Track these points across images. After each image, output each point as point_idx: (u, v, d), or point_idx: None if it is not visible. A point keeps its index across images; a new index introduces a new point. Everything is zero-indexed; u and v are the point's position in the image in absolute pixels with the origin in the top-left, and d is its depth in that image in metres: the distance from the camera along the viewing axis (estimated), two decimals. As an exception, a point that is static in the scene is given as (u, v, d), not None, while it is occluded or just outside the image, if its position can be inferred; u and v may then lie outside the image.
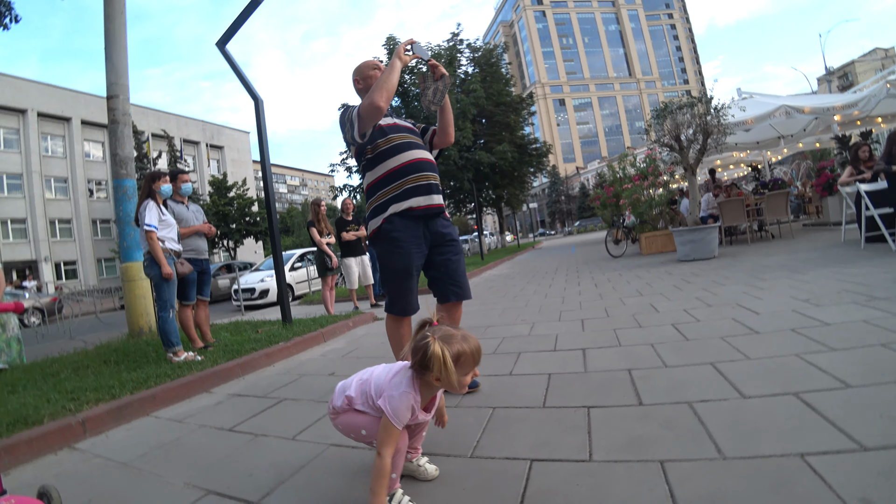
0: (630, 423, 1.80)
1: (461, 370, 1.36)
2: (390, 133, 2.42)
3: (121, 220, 5.32)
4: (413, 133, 2.52)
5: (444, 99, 2.49)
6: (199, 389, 3.24)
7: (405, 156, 2.37)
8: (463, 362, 1.36)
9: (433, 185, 2.41)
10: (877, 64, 45.78)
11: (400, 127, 2.49)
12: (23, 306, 1.78)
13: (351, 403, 1.48)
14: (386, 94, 2.24)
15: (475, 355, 1.38)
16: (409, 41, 2.42)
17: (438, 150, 2.67)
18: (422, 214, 2.38)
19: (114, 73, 5.43)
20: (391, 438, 1.35)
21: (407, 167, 2.36)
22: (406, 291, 2.41)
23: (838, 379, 1.94)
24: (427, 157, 2.46)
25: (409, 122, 2.63)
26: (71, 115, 31.98)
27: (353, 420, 1.48)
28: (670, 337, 3.01)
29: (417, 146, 2.46)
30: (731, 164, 16.61)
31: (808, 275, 4.56)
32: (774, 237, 9.53)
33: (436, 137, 2.61)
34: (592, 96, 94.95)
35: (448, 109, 2.56)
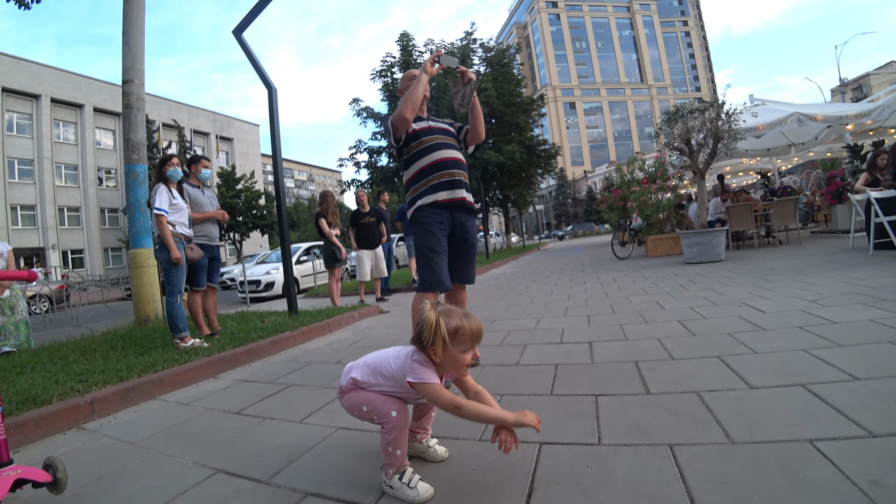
0: (637, 410, 1.81)
1: (458, 345, 1.37)
2: (422, 136, 2.73)
3: (131, 206, 5.35)
4: (446, 134, 2.80)
5: (473, 101, 2.73)
6: (206, 374, 3.26)
7: (433, 156, 2.68)
8: (461, 337, 1.37)
9: (457, 180, 2.67)
10: (892, 77, 45.36)
11: (433, 129, 2.78)
12: (36, 275, 1.79)
13: (356, 384, 1.49)
14: (412, 106, 2.58)
15: (474, 333, 1.39)
16: (437, 53, 2.72)
17: (474, 146, 2.95)
18: (447, 206, 2.66)
19: (130, 57, 5.47)
20: (442, 393, 1.37)
21: (434, 165, 2.67)
22: (434, 268, 2.62)
23: (845, 372, 1.95)
24: (453, 156, 2.72)
25: (446, 123, 2.91)
26: (84, 102, 32.16)
27: (356, 397, 1.49)
28: (677, 332, 3.01)
29: (447, 146, 2.73)
30: (741, 170, 16.53)
31: (815, 277, 4.55)
32: (782, 243, 9.47)
33: (468, 136, 2.89)
34: (603, 101, 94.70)
35: (477, 110, 2.80)
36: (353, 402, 1.50)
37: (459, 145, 2.89)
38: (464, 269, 2.78)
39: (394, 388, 1.44)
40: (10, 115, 28.99)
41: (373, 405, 1.44)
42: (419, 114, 2.91)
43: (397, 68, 17.60)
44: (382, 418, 1.42)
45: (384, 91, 17.72)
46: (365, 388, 1.47)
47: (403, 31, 17.78)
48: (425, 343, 1.37)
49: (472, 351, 1.41)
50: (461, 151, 2.88)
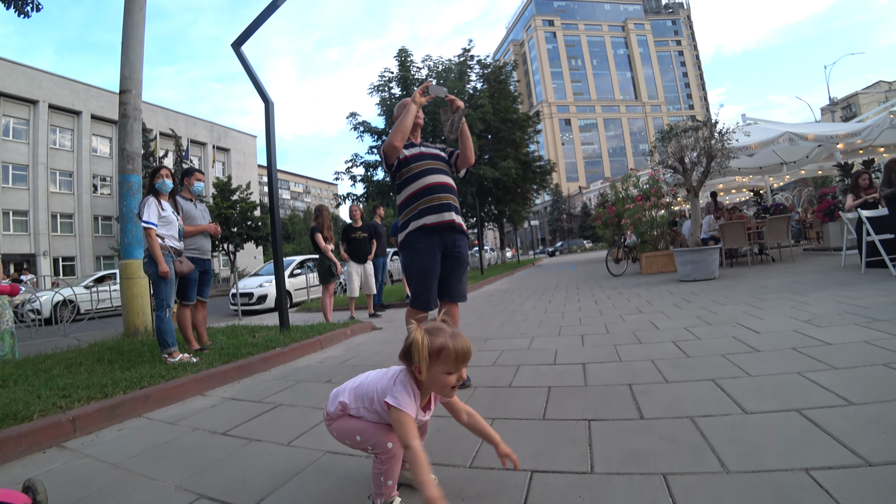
0: (631, 436, 1.78)
1: (442, 366, 1.32)
2: (412, 162, 2.88)
3: (124, 216, 5.31)
4: (437, 159, 2.95)
5: (462, 127, 2.88)
6: (193, 392, 3.20)
7: (422, 181, 2.82)
8: (444, 358, 1.31)
9: (445, 204, 2.79)
10: (880, 96, 46.16)
11: (424, 155, 2.93)
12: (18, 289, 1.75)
13: (345, 409, 1.45)
14: (401, 135, 2.76)
15: (459, 354, 1.33)
16: (427, 84, 2.89)
17: (465, 169, 3.08)
18: (436, 228, 2.77)
19: (128, 67, 5.47)
20: (408, 426, 1.30)
21: (423, 191, 2.81)
22: (425, 289, 2.78)
23: (841, 396, 1.93)
24: (442, 181, 2.85)
25: (437, 148, 3.05)
26: (81, 109, 32.02)
27: (347, 425, 1.44)
28: (671, 353, 2.99)
29: (436, 171, 2.87)
30: (734, 188, 16.69)
31: (808, 296, 4.56)
32: (775, 260, 9.52)
33: (458, 160, 3.02)
34: (598, 117, 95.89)
35: (465, 135, 2.94)
36: (344, 431, 1.45)
37: (450, 169, 3.02)
38: (455, 286, 2.88)
39: (382, 418, 1.41)
40: (7, 119, 28.84)
41: (367, 435, 1.40)
42: (412, 140, 3.04)
43: (395, 83, 17.73)
44: (378, 448, 1.38)
45: (381, 106, 17.81)
46: (354, 415, 1.44)
47: (402, 47, 17.94)
48: (412, 360, 1.35)
49: (458, 373, 1.35)
50: (451, 175, 3.01)
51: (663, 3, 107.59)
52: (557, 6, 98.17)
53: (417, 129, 3.08)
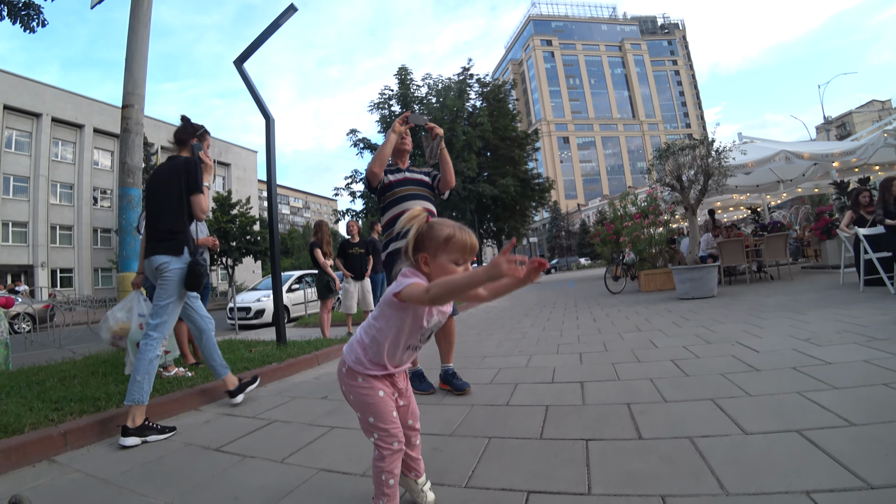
0: (629, 456, 1.75)
1: (449, 255, 1.31)
2: (396, 187, 3.10)
3: (122, 229, 5.30)
4: (419, 184, 3.16)
5: (441, 153, 3.06)
6: (187, 406, 3.16)
7: (401, 207, 3.06)
8: (452, 245, 1.31)
9: None
10: (874, 115, 46.84)
11: (408, 180, 3.14)
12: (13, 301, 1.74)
13: (364, 352, 1.40)
14: (379, 162, 2.97)
15: (466, 245, 1.32)
16: (406, 114, 3.08)
17: (447, 191, 3.23)
18: None
19: (132, 83, 5.53)
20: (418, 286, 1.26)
21: (400, 215, 2.90)
22: None
23: (841, 417, 1.91)
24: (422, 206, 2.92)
25: (423, 173, 3.24)
26: (84, 123, 32.38)
27: (367, 395, 1.39)
28: (670, 372, 2.96)
29: (416, 196, 3.10)
30: (731, 206, 16.78)
31: (807, 315, 4.55)
32: (773, 278, 9.52)
33: (440, 184, 3.19)
34: (596, 136, 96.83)
35: (445, 160, 3.11)
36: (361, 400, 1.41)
37: (434, 193, 3.22)
38: None
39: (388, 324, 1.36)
40: (10, 132, 29.09)
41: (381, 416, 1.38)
42: (399, 165, 3.25)
43: (395, 101, 17.93)
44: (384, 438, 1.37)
45: (381, 123, 17.99)
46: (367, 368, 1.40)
47: (402, 66, 18.21)
48: (417, 248, 1.34)
49: (465, 264, 1.34)
50: (433, 199, 3.21)
51: (659, 24, 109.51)
52: (555, 26, 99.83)
53: (405, 155, 3.28)
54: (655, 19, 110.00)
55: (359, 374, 1.41)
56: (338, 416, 2.72)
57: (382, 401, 1.40)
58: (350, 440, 2.27)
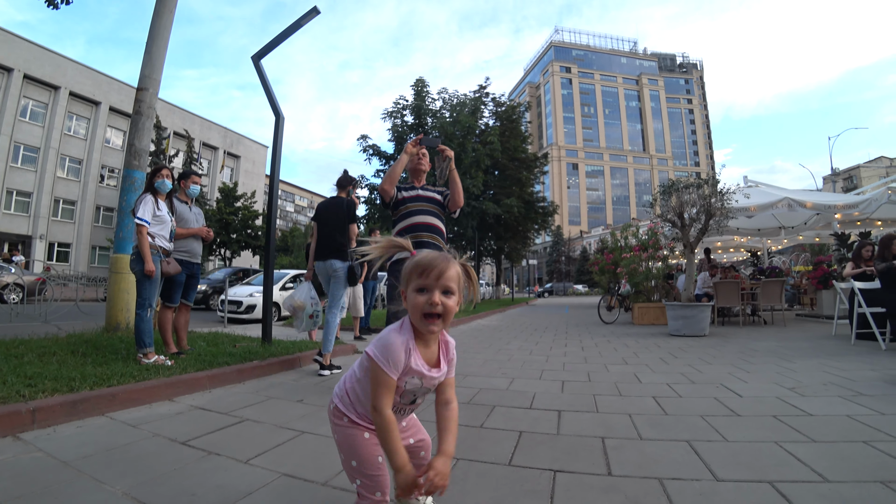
0: (595, 493, 1.72)
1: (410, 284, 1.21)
2: (408, 203, 3.34)
3: (122, 210, 5.32)
4: (430, 202, 3.37)
5: (451, 174, 3.28)
6: (161, 396, 3.13)
7: (409, 220, 3.30)
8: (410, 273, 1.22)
9: (423, 241, 3.21)
10: (881, 171, 47.08)
11: (420, 197, 3.37)
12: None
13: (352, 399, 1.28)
14: (389, 180, 3.26)
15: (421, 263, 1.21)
16: (419, 137, 3.36)
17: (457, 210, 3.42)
18: None
19: (149, 66, 5.58)
20: (384, 387, 1.15)
21: (408, 228, 3.28)
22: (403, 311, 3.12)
23: (816, 472, 1.88)
24: (426, 221, 3.30)
25: (437, 192, 3.45)
26: (101, 100, 32.52)
27: (351, 437, 1.26)
28: (650, 409, 2.93)
29: (424, 212, 3.32)
30: (732, 247, 16.80)
31: (795, 363, 4.53)
32: (767, 323, 9.49)
33: (449, 202, 3.39)
34: (605, 165, 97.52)
35: (454, 181, 3.30)
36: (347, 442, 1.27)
37: (444, 211, 3.43)
38: None
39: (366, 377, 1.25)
40: (27, 101, 29.22)
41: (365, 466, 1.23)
42: (414, 183, 3.48)
43: (409, 112, 18.05)
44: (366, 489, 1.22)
45: (392, 132, 18.09)
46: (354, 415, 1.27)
47: (419, 77, 18.37)
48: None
49: (430, 294, 1.18)
50: (442, 217, 3.42)
51: (678, 63, 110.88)
52: (576, 55, 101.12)
53: (422, 175, 3.52)
54: (675, 57, 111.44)
55: (344, 415, 1.28)
56: (310, 420, 2.68)
57: (367, 444, 1.25)
58: (318, 447, 2.24)
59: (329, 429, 2.45)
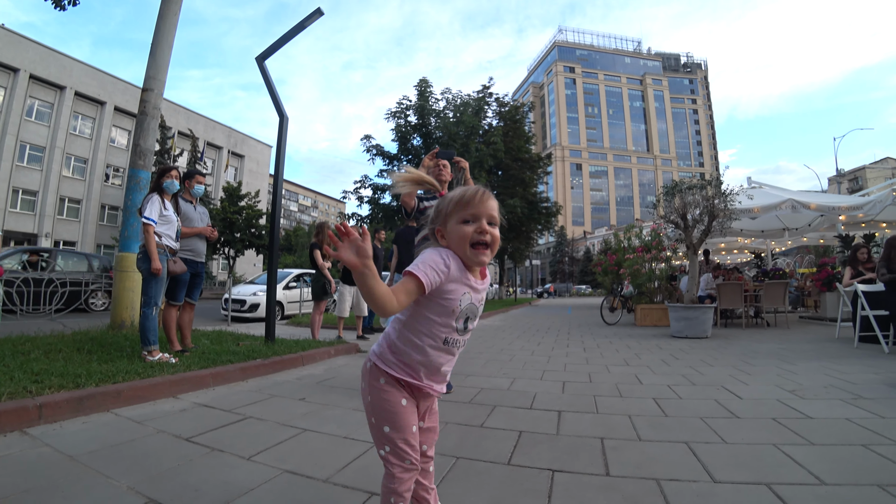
0: (593, 492, 1.74)
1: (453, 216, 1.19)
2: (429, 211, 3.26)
3: (127, 210, 5.37)
4: None
5: (465, 182, 3.53)
6: (166, 393, 3.16)
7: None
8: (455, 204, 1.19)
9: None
10: (887, 172, 46.82)
11: None
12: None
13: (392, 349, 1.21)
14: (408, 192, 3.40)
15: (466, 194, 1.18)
16: (435, 151, 3.66)
17: None
18: None
19: (154, 67, 5.63)
20: (402, 286, 1.09)
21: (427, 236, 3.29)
22: None
23: (813, 474, 1.89)
24: None
25: None
26: (106, 100, 32.70)
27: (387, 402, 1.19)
28: (650, 410, 2.95)
29: None
30: (736, 248, 16.74)
31: (797, 366, 4.53)
32: (770, 325, 9.46)
33: None
34: (609, 165, 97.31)
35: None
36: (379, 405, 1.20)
37: None
38: None
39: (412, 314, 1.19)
40: (33, 101, 29.41)
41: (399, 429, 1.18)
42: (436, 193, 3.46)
43: (412, 112, 18.06)
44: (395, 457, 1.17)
45: (396, 132, 18.10)
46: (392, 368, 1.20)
47: (423, 78, 18.36)
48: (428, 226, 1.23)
49: (477, 224, 1.16)
50: None
51: (682, 63, 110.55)
52: (580, 55, 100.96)
53: (444, 185, 3.69)
54: (679, 57, 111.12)
55: (382, 374, 1.21)
56: (313, 419, 2.71)
57: (405, 410, 1.19)
58: (320, 445, 2.27)
59: (332, 427, 2.50)
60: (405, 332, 1.19)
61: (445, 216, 1.19)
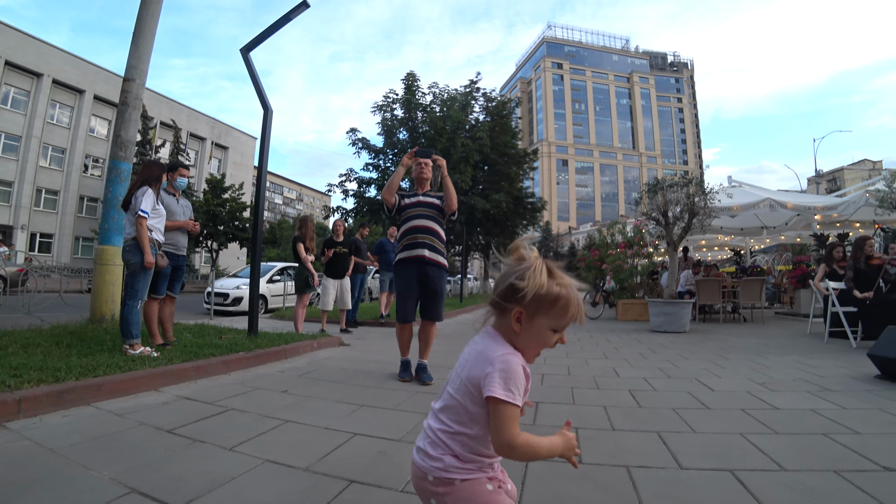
0: (566, 480, 1.81)
1: (551, 318, 0.98)
2: (408, 209, 3.75)
3: (108, 202, 5.29)
4: (430, 207, 3.75)
5: (443, 180, 3.70)
6: (147, 386, 3.16)
7: (408, 224, 3.73)
8: (560, 308, 0.97)
9: (419, 242, 3.65)
10: (864, 174, 47.97)
11: (421, 203, 3.75)
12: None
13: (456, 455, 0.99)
14: (389, 190, 3.72)
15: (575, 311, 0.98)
16: (413, 150, 3.82)
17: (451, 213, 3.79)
18: (411, 262, 3.67)
19: (136, 56, 5.53)
20: (513, 417, 0.93)
21: (406, 231, 3.73)
22: (402, 305, 3.72)
23: (775, 461, 2.00)
24: (422, 224, 3.69)
25: (436, 197, 3.80)
26: (86, 89, 31.87)
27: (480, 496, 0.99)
28: (625, 402, 3.04)
29: (423, 216, 3.71)
30: (716, 245, 17.08)
31: (769, 360, 4.70)
32: (746, 320, 9.71)
33: (445, 206, 3.75)
34: (595, 162, 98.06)
35: (447, 187, 3.70)
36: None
37: (442, 215, 3.77)
38: (429, 307, 3.76)
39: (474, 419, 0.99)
40: (8, 88, 28.58)
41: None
42: (417, 191, 3.86)
43: (399, 105, 18.01)
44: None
45: (382, 126, 18.03)
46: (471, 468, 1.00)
47: (410, 72, 18.31)
48: (514, 298, 0.97)
49: (561, 334, 1.01)
50: (439, 220, 3.76)
51: (668, 62, 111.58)
52: (568, 51, 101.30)
53: (424, 183, 3.87)
54: (666, 56, 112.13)
55: (454, 480, 0.99)
56: (295, 410, 2.75)
57: (494, 495, 1.01)
58: (302, 435, 2.31)
59: (314, 418, 2.54)
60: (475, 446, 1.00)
61: (538, 306, 0.97)
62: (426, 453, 1.01)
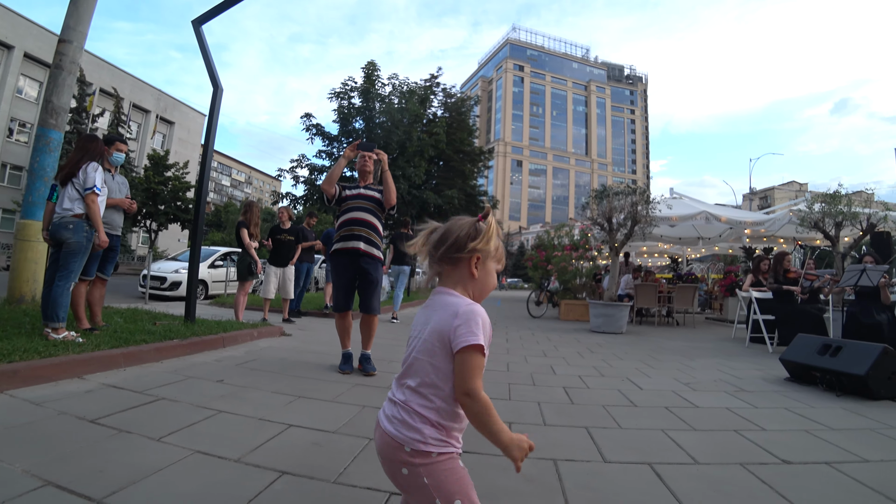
0: (496, 472, 1.88)
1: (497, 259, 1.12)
2: (348, 200, 3.79)
3: (33, 172, 4.90)
4: (369, 200, 3.78)
5: (383, 175, 3.77)
6: (70, 373, 2.97)
7: (346, 216, 3.74)
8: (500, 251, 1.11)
9: (354, 234, 3.69)
10: (791, 194, 52.02)
11: (361, 196, 3.79)
12: None
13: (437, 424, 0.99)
14: (329, 180, 3.74)
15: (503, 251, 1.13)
16: (356, 143, 3.92)
17: (390, 207, 3.84)
18: (346, 253, 3.70)
19: (75, 16, 5.10)
20: (480, 367, 0.97)
21: (343, 222, 3.74)
22: (339, 296, 3.78)
23: (690, 455, 2.18)
24: (359, 217, 3.72)
25: (377, 191, 3.85)
26: (15, 45, 28.88)
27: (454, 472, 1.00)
28: (558, 399, 3.18)
29: (361, 209, 3.74)
30: (656, 252, 17.97)
31: (696, 361, 5.04)
32: (679, 324, 10.32)
33: (385, 200, 3.81)
34: (548, 165, 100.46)
35: (387, 181, 3.77)
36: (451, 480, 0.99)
37: (381, 208, 3.82)
38: (367, 300, 3.80)
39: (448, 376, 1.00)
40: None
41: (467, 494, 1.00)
42: (359, 184, 3.91)
43: (356, 94, 17.69)
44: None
45: (338, 113, 17.65)
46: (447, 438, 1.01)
47: (370, 60, 17.99)
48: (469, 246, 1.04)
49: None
50: (377, 213, 3.80)
51: (625, 74, 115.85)
52: (530, 54, 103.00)
53: (367, 176, 3.92)
54: (623, 69, 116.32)
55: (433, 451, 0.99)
56: (229, 400, 2.68)
57: (466, 473, 1.03)
58: (235, 426, 2.26)
59: (248, 409, 2.49)
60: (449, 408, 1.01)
61: (486, 256, 1.08)
62: (404, 422, 1.00)
